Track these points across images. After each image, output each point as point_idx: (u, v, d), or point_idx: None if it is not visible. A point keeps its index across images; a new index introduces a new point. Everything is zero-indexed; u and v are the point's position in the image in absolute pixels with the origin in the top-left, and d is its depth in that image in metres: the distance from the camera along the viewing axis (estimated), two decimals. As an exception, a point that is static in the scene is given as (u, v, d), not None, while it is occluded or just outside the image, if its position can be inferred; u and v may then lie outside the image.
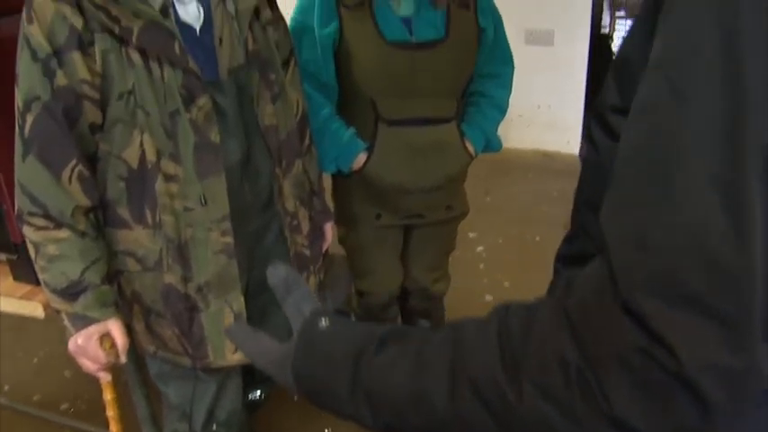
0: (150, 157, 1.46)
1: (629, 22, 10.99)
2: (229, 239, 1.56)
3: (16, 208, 1.49)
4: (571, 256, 0.88)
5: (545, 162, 4.94)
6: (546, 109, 4.96)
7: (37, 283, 1.96)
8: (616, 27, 10.60)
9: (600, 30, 6.39)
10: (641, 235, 0.54)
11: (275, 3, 1.70)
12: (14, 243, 1.94)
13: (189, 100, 1.45)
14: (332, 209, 2.13)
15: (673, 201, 0.52)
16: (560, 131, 4.99)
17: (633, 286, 0.53)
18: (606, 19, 10.48)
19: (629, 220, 0.55)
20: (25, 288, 2.12)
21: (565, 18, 4.78)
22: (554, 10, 4.74)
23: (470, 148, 2.13)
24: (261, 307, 1.76)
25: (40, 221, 1.46)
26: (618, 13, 11.32)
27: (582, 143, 5.00)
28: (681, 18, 0.54)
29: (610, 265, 0.56)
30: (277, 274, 0.77)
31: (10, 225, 1.90)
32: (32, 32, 1.37)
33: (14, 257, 1.98)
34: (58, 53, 1.37)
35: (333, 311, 0.74)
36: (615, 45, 9.15)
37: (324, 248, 1.97)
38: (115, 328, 1.54)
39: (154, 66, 1.42)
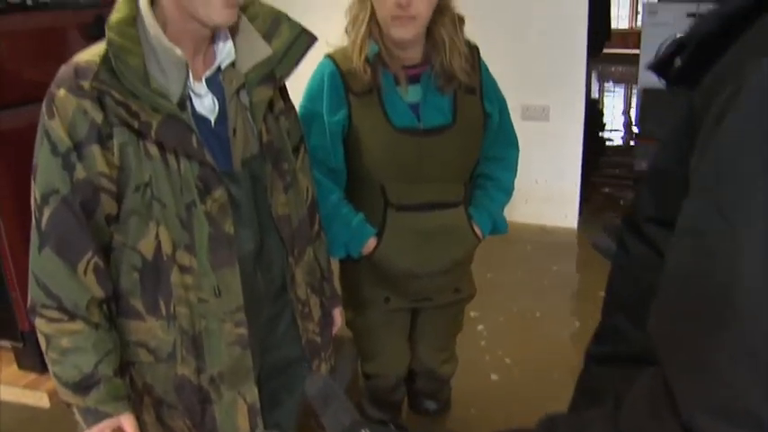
0: (166, 249, 1.46)
1: (617, 89, 11.31)
2: (243, 330, 1.55)
3: (29, 300, 1.48)
4: (602, 356, 0.88)
5: (544, 237, 4.96)
6: (543, 184, 5.01)
7: (42, 371, 1.93)
8: (605, 94, 10.97)
9: (590, 95, 6.57)
10: (699, 356, 0.54)
11: (287, 93, 1.72)
12: (21, 331, 1.92)
13: (204, 192, 1.47)
14: (340, 293, 2.13)
15: (729, 323, 0.52)
16: (558, 206, 5.02)
17: (693, 406, 0.54)
18: (595, 86, 10.82)
19: (685, 340, 0.56)
20: (30, 377, 2.08)
21: (559, 94, 4.88)
22: (549, 86, 4.84)
23: (478, 232, 2.14)
24: (272, 393, 1.75)
25: (54, 314, 1.46)
26: (606, 83, 11.68)
27: (579, 218, 5.04)
28: (726, 141, 0.55)
29: (666, 382, 0.56)
30: (315, 385, 0.76)
31: (18, 313, 1.88)
32: (53, 126, 1.38)
33: (20, 345, 1.96)
34: (78, 147, 1.38)
35: (376, 422, 0.73)
36: (605, 109, 9.42)
37: (333, 333, 1.96)
38: (128, 422, 1.52)
39: (171, 158, 1.43)
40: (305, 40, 1.61)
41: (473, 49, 2.13)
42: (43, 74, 1.83)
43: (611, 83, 12.00)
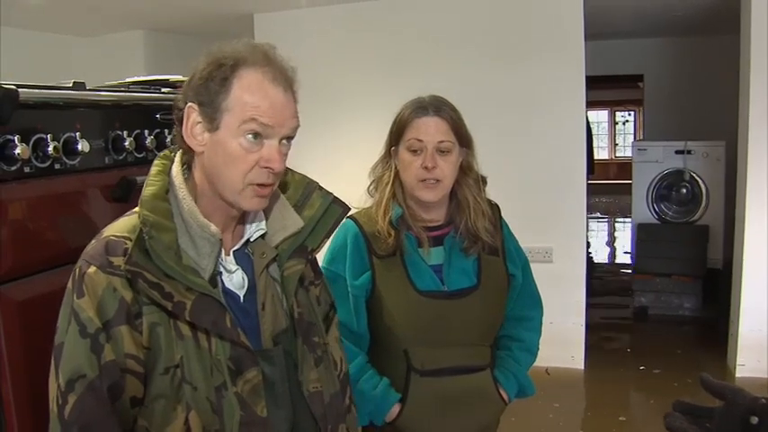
0: None
1: (600, 221, 11.45)
2: None
3: None
4: None
5: (550, 380, 4.86)
6: (548, 326, 4.93)
7: None
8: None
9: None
10: None
11: (316, 262, 1.67)
12: None
13: (236, 373, 1.39)
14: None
15: None
16: (564, 347, 4.95)
17: None
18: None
19: None
20: None
21: (562, 235, 4.94)
22: (551, 228, 4.91)
23: (504, 396, 2.06)
24: None
25: None
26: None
27: (585, 359, 4.97)
28: None
29: None
30: None
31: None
32: (83, 306, 1.31)
33: None
34: (106, 327, 1.31)
35: None
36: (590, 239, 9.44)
37: None
38: None
39: (202, 337, 1.36)
40: (337, 210, 1.57)
41: (494, 208, 2.12)
42: (64, 239, 1.77)
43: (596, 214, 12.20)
